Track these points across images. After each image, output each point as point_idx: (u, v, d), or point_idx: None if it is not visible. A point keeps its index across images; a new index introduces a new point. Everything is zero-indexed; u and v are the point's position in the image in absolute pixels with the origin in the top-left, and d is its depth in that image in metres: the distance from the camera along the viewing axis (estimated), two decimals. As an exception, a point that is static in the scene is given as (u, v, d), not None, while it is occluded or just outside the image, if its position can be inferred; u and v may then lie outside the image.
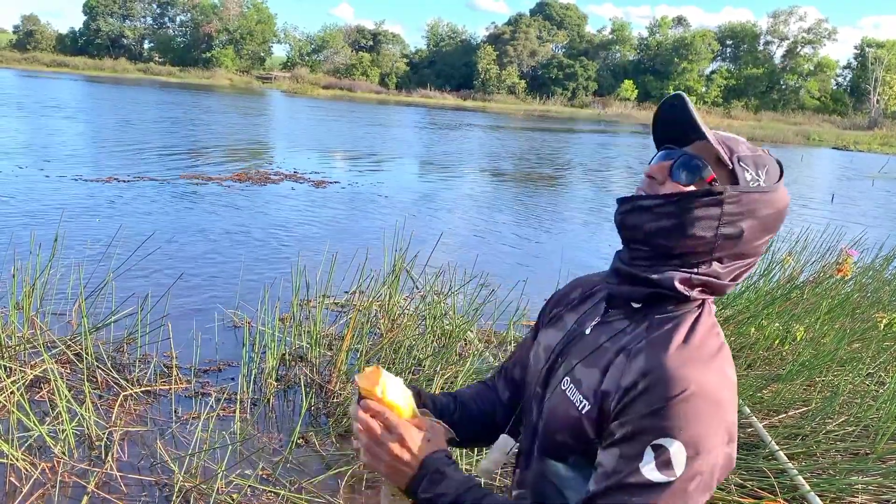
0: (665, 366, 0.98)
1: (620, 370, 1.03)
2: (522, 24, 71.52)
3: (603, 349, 1.09)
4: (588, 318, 1.18)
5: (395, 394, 1.07)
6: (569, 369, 1.12)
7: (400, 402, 1.07)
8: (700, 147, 1.09)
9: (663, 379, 0.97)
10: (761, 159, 1.11)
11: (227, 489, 2.86)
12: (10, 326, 3.87)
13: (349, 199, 10.51)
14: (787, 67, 70.41)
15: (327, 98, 50.25)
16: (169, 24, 73.05)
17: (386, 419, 1.06)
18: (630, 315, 1.10)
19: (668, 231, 1.06)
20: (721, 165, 1.07)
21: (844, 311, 4.70)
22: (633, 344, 1.05)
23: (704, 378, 0.97)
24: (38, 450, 3.06)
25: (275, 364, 3.92)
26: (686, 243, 1.06)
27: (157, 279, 5.61)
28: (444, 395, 1.34)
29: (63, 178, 10.07)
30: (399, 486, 1.08)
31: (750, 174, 1.08)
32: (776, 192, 1.10)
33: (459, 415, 1.30)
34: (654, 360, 0.99)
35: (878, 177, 21.30)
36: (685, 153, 1.08)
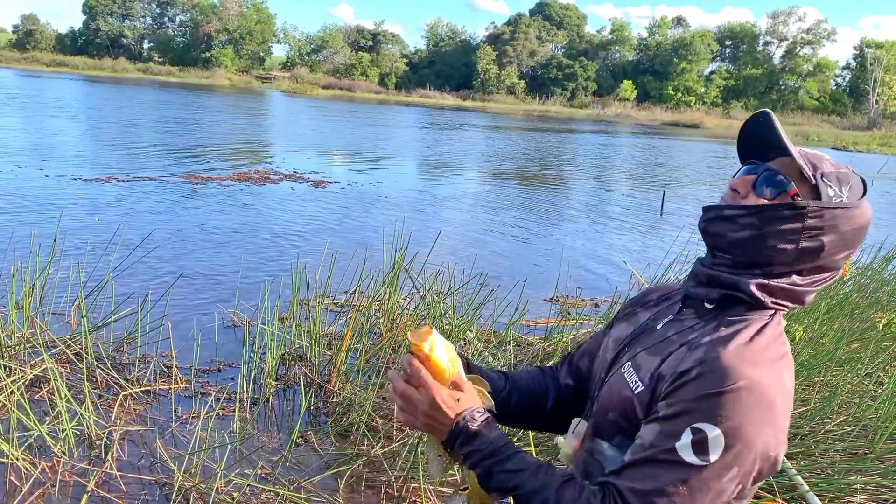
0: (721, 358, 1.01)
1: (680, 358, 1.06)
2: (522, 24, 71.51)
3: (669, 340, 1.13)
4: (662, 316, 1.23)
5: (440, 353, 1.10)
6: (633, 355, 1.17)
7: (443, 362, 1.10)
8: (784, 163, 1.11)
9: (717, 369, 1.00)
10: (845, 176, 1.11)
11: (226, 488, 2.86)
12: (10, 326, 3.87)
13: (349, 199, 10.51)
14: (787, 68, 70.46)
15: (327, 98, 50.24)
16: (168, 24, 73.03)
17: (421, 378, 1.11)
18: (702, 315, 1.15)
19: (751, 241, 1.09)
20: (804, 181, 1.09)
21: (843, 311, 4.71)
22: (698, 339, 1.09)
23: (759, 376, 0.99)
24: (38, 449, 3.07)
25: (274, 363, 3.92)
26: (767, 254, 1.09)
27: (156, 279, 5.61)
28: (496, 371, 1.38)
29: (62, 177, 10.06)
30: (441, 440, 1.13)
31: (833, 190, 1.10)
32: (858, 208, 1.11)
33: (508, 392, 1.34)
34: (713, 351, 1.03)
35: (877, 177, 21.32)
36: (769, 168, 1.11)
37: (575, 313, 5.63)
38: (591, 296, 6.25)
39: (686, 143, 34.17)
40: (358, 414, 3.46)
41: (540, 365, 1.48)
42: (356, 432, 3.40)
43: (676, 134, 41.29)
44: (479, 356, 4.12)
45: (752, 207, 1.09)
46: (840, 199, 1.09)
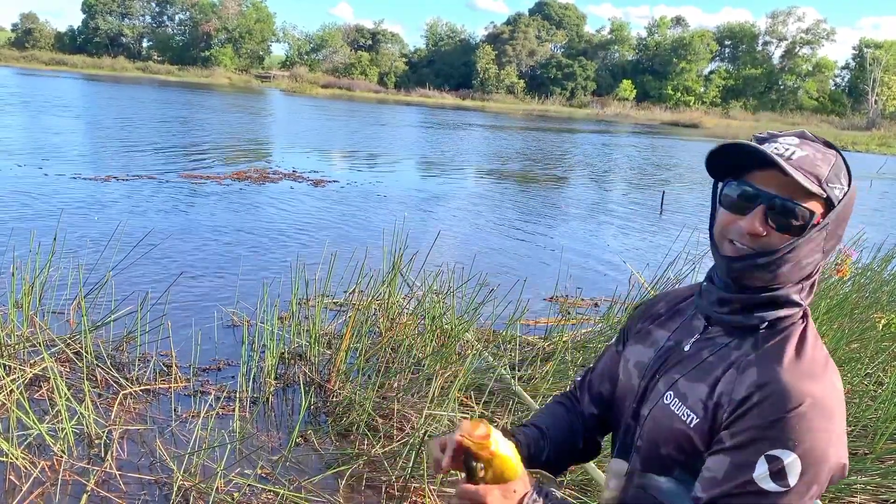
0: (781, 379, 1.00)
1: (731, 383, 1.04)
2: (521, 23, 71.51)
3: (708, 364, 1.10)
4: (685, 335, 1.18)
5: (505, 447, 1.07)
6: (670, 383, 1.13)
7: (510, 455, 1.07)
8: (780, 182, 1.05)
9: (779, 392, 0.99)
10: (835, 165, 1.08)
11: (226, 488, 2.86)
12: (10, 325, 3.87)
13: (348, 198, 10.51)
14: (786, 68, 70.48)
15: (326, 97, 50.22)
16: (168, 23, 72.98)
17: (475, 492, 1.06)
18: (731, 331, 1.12)
19: (789, 271, 1.07)
20: (812, 195, 1.05)
21: (843, 311, 4.70)
22: (742, 358, 1.06)
23: (819, 391, 0.99)
24: (38, 448, 3.06)
25: (274, 363, 3.92)
26: (804, 270, 1.08)
27: (156, 278, 5.61)
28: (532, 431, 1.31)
29: (62, 176, 10.05)
30: None
31: (838, 188, 1.08)
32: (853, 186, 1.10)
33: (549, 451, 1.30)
34: (769, 373, 1.01)
35: (876, 177, 21.33)
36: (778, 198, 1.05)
37: (575, 313, 5.63)
38: (590, 295, 6.25)
39: (685, 142, 34.19)
40: (358, 413, 3.46)
41: (560, 397, 1.42)
42: (356, 432, 3.40)
43: (676, 134, 41.30)
44: (479, 356, 4.12)
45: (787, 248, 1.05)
46: (843, 190, 1.08)
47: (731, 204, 1.10)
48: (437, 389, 3.46)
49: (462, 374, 3.53)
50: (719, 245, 1.12)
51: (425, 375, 3.73)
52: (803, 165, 1.04)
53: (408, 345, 4.06)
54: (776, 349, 1.05)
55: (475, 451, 1.05)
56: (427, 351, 4.03)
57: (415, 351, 4.03)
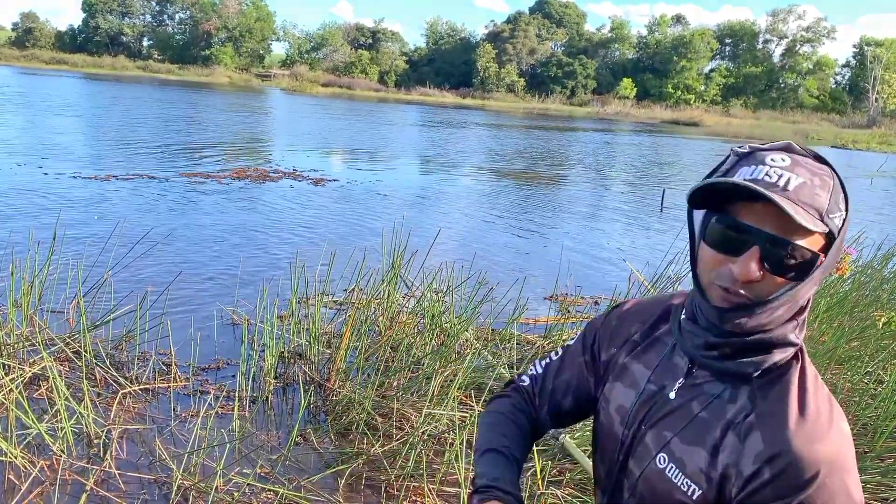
0: (791, 450, 0.92)
1: (735, 453, 0.97)
2: (522, 22, 71.47)
3: (702, 422, 1.01)
4: (667, 378, 1.08)
5: None
6: (662, 443, 1.05)
7: None
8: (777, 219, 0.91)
9: (793, 465, 0.92)
10: (834, 190, 0.96)
11: (225, 487, 2.86)
12: (9, 324, 3.87)
13: (348, 197, 10.51)
14: (786, 66, 70.44)
15: (326, 96, 50.21)
16: (168, 22, 72.97)
17: None
18: (721, 377, 1.02)
19: (782, 315, 0.98)
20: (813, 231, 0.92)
21: (843, 309, 4.70)
22: (740, 418, 0.99)
23: (832, 451, 0.93)
24: (37, 448, 3.06)
25: (273, 362, 3.92)
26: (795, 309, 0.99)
27: (155, 277, 5.61)
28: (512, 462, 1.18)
29: (61, 175, 10.05)
30: None
31: (838, 217, 0.96)
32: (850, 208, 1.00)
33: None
34: (777, 443, 0.94)
35: (876, 175, 21.32)
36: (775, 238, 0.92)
37: (574, 311, 5.63)
38: (590, 293, 6.24)
39: (686, 140, 34.17)
40: (357, 412, 3.46)
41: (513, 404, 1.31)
42: (356, 431, 3.40)
43: (676, 132, 41.28)
44: (479, 355, 4.11)
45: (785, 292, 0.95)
46: (843, 217, 0.96)
47: (718, 243, 0.96)
48: (437, 388, 3.46)
49: (461, 372, 3.53)
50: (706, 289, 1.00)
51: (425, 374, 3.73)
52: (802, 198, 0.91)
53: (407, 344, 4.06)
54: (777, 407, 0.96)
55: None
56: (426, 350, 4.02)
57: (414, 350, 4.03)
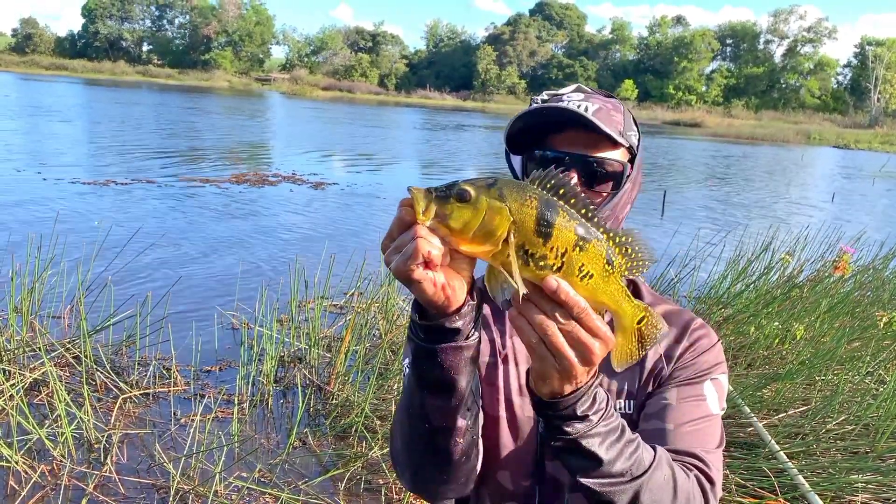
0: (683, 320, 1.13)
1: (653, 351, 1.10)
2: (522, 24, 71.57)
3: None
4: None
5: None
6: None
7: None
8: (585, 140, 1.04)
9: (688, 328, 1.12)
10: (625, 112, 1.10)
11: (225, 491, 2.85)
12: (10, 329, 3.87)
13: (348, 201, 10.51)
14: (788, 66, 70.46)
15: (326, 99, 50.26)
16: (167, 27, 73.20)
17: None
18: None
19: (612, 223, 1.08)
20: (617, 145, 1.06)
21: (844, 309, 4.68)
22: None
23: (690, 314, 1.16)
24: (38, 453, 3.06)
25: (273, 365, 3.91)
26: (622, 217, 1.11)
27: (155, 281, 5.61)
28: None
29: (61, 181, 10.06)
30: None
31: (634, 135, 1.10)
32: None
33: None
34: (674, 323, 1.12)
35: (878, 175, 21.28)
36: (587, 156, 1.05)
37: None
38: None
39: (687, 142, 34.15)
40: (356, 415, 3.45)
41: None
42: (355, 434, 3.39)
43: (677, 133, 41.26)
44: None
45: (605, 204, 1.06)
46: (638, 136, 1.11)
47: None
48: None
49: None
50: None
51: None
52: (600, 118, 1.03)
53: (407, 346, 4.04)
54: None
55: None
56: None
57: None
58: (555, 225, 0.76)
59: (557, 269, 0.77)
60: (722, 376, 1.08)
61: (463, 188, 0.76)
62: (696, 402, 1.04)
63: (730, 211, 12.77)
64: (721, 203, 13.80)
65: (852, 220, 11.92)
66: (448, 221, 0.76)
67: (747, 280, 5.37)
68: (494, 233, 0.75)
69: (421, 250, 0.74)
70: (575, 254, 0.77)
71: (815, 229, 6.62)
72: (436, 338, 0.83)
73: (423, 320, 0.83)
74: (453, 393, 0.87)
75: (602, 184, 1.05)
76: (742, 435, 3.21)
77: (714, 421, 1.04)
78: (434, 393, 0.87)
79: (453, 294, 0.79)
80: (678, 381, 1.06)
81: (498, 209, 0.75)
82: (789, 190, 17.61)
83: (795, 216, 12.36)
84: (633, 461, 0.87)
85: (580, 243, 0.76)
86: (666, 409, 1.03)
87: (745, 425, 3.23)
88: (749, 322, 4.50)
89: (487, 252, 0.76)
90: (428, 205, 0.77)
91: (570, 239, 0.76)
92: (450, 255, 0.77)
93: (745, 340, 4.35)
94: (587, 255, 0.77)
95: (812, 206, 14.37)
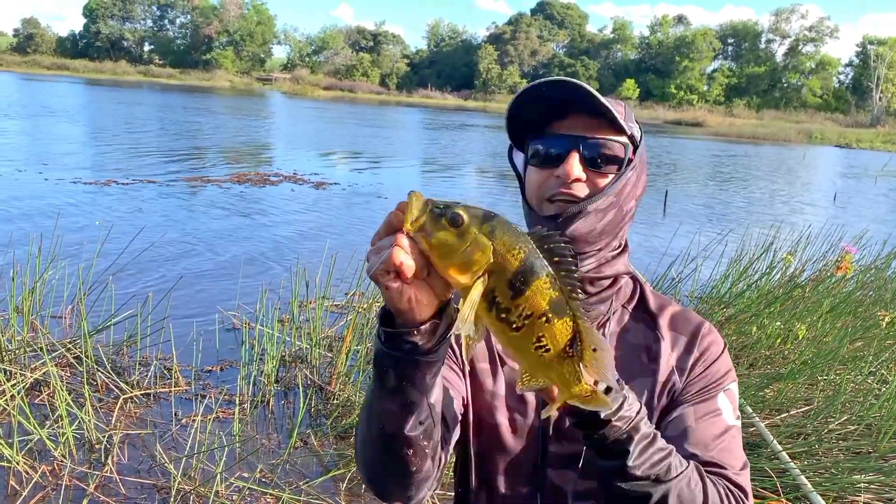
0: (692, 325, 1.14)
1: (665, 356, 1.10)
2: (523, 23, 71.56)
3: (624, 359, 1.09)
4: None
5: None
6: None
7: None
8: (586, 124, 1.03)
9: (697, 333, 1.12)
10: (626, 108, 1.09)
11: (226, 492, 2.85)
12: (11, 329, 3.87)
13: (349, 201, 10.51)
14: (789, 65, 70.38)
15: (328, 99, 50.29)
16: (169, 27, 73.26)
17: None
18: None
19: (613, 223, 1.05)
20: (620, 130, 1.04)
21: (846, 309, 4.68)
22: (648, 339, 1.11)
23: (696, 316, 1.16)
24: (39, 453, 3.06)
25: (274, 366, 3.91)
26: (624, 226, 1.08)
27: (156, 281, 5.61)
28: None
29: (62, 180, 10.06)
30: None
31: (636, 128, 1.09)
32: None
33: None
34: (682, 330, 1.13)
35: (880, 175, 21.25)
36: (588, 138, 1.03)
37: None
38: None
39: (688, 141, 34.12)
40: (358, 415, 3.45)
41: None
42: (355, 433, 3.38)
43: (679, 133, 41.23)
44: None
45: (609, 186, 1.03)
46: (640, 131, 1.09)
47: (543, 158, 1.05)
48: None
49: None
50: (538, 210, 1.07)
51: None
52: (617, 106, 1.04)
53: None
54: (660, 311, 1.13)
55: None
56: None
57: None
58: (531, 286, 0.74)
59: (516, 328, 0.75)
60: (733, 385, 1.07)
61: (457, 212, 0.74)
62: (713, 418, 1.03)
63: (731, 210, 12.76)
64: (722, 202, 13.79)
65: (854, 219, 11.90)
66: (431, 239, 0.74)
67: (749, 280, 5.36)
68: (471, 267, 0.74)
69: (394, 259, 0.74)
70: (539, 322, 0.75)
71: (817, 229, 6.61)
72: (394, 345, 0.82)
73: (385, 325, 0.83)
74: (405, 403, 0.86)
75: (605, 166, 1.04)
76: (744, 435, 3.19)
77: (734, 432, 1.04)
78: (387, 397, 0.87)
79: (418, 308, 0.78)
80: (692, 398, 1.05)
81: (482, 246, 0.74)
82: (791, 189, 17.59)
83: (797, 215, 12.34)
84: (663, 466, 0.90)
85: (549, 315, 0.75)
86: (687, 433, 1.02)
87: (747, 425, 3.23)
88: (751, 322, 4.49)
89: (459, 283, 0.75)
90: (419, 216, 0.75)
91: (541, 307, 0.75)
92: (428, 271, 0.76)
93: (747, 340, 4.34)
94: (551, 329, 0.75)
95: (814, 205, 14.36)
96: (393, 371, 0.84)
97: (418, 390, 0.85)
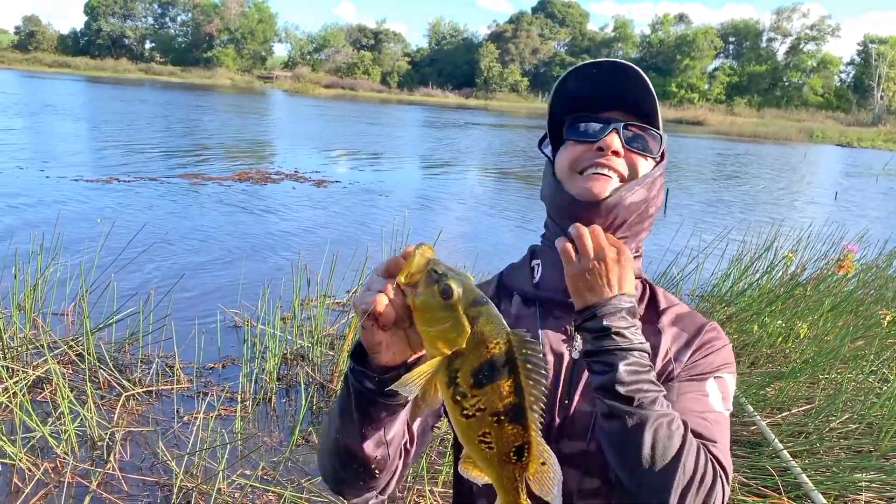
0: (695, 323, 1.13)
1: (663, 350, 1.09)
2: (524, 21, 71.49)
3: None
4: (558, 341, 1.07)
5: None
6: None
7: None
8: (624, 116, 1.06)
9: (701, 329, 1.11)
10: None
11: (228, 489, 2.85)
12: (13, 327, 3.87)
13: (350, 198, 10.50)
14: (791, 64, 70.27)
15: (329, 97, 50.26)
16: (170, 24, 73.21)
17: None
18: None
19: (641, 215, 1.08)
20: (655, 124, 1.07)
21: (848, 308, 4.68)
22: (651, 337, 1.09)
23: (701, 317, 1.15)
24: (41, 450, 3.07)
25: (276, 363, 3.92)
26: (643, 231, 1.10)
27: (158, 279, 5.61)
28: None
29: (63, 178, 10.07)
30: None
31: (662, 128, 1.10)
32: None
33: None
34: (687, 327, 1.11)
35: (882, 173, 21.23)
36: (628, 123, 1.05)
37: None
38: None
39: (690, 140, 34.08)
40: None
41: None
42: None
43: (680, 131, 41.19)
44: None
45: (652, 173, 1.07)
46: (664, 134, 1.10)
47: (582, 132, 1.06)
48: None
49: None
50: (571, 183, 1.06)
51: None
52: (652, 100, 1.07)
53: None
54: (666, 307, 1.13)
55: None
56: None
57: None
58: (492, 384, 0.74)
59: (466, 414, 0.75)
60: (728, 375, 1.06)
61: (450, 285, 0.75)
62: (696, 396, 1.02)
63: (732, 209, 12.75)
64: (724, 201, 13.78)
65: (855, 218, 11.89)
66: (417, 299, 0.76)
67: (750, 278, 5.36)
68: (443, 341, 0.75)
69: (376, 306, 0.78)
70: (489, 420, 0.75)
71: (818, 227, 6.61)
72: (356, 379, 0.86)
73: (355, 358, 0.87)
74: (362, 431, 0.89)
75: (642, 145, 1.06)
76: (745, 433, 3.21)
77: (717, 417, 1.01)
78: (347, 415, 0.90)
79: (387, 353, 0.83)
80: (681, 380, 1.05)
81: (460, 328, 0.75)
82: (792, 188, 17.58)
83: (798, 214, 12.33)
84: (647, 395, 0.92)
85: (501, 418, 0.75)
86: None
87: (748, 424, 3.23)
88: (752, 320, 4.49)
89: (428, 349, 0.77)
90: (416, 272, 0.77)
91: (495, 407, 0.75)
92: (410, 322, 0.79)
93: (748, 339, 4.34)
94: (500, 431, 0.76)
95: (815, 203, 14.35)
96: (354, 398, 0.87)
97: (374, 424, 0.89)
